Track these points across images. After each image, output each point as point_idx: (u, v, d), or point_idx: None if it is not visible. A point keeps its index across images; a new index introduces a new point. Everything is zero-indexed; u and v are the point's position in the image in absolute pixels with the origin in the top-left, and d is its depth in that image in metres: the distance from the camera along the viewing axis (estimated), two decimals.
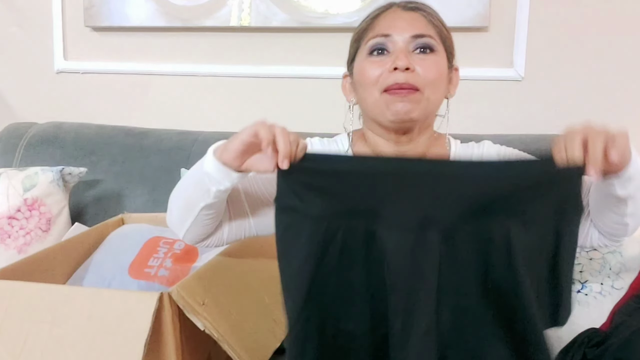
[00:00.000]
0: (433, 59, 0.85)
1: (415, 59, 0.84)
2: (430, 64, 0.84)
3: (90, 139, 1.60)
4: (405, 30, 0.85)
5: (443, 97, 0.90)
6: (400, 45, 0.84)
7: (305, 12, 1.61)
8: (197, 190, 0.79)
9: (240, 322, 0.86)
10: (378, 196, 0.69)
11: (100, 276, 1.07)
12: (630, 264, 1.03)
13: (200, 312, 0.78)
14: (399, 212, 0.69)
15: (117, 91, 1.81)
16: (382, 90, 0.84)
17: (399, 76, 0.82)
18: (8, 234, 1.33)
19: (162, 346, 0.78)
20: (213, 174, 0.76)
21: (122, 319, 0.75)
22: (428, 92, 0.84)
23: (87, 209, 1.53)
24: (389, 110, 0.84)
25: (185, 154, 1.52)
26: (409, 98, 0.83)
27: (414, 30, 0.85)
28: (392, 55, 0.84)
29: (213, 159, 0.77)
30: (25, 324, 0.80)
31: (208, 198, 0.78)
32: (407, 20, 0.86)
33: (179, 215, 0.84)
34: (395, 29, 0.85)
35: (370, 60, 0.86)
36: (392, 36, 0.85)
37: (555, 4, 1.52)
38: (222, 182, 0.76)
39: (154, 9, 1.69)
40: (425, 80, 0.83)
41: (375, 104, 0.86)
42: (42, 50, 1.83)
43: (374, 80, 0.85)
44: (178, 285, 0.78)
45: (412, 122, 0.86)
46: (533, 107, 1.57)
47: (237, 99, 1.73)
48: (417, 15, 0.87)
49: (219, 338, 0.79)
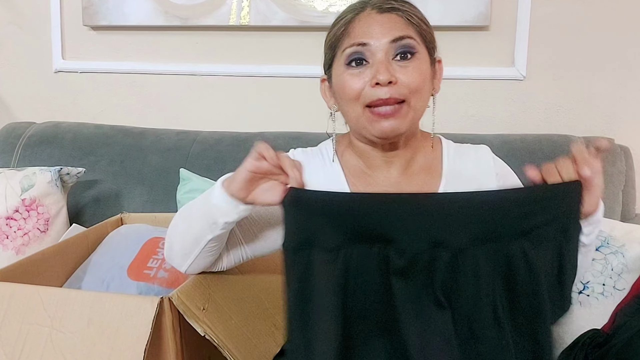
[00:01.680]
0: (415, 65, 0.81)
1: (397, 68, 0.80)
2: (412, 71, 0.80)
3: (88, 139, 1.59)
4: (384, 35, 0.80)
5: (429, 98, 0.87)
6: (380, 57, 0.80)
7: (306, 11, 1.60)
8: (204, 223, 0.79)
9: (240, 327, 0.86)
10: (389, 222, 0.68)
11: (99, 277, 1.06)
12: (632, 264, 1.03)
13: (200, 318, 0.78)
14: (410, 236, 0.67)
15: (115, 91, 1.80)
16: (365, 106, 0.81)
17: (381, 92, 0.79)
18: (6, 235, 1.32)
19: (162, 351, 0.78)
20: (222, 206, 0.76)
21: (122, 324, 0.74)
22: (414, 101, 0.81)
23: (85, 209, 1.53)
24: (373, 128, 0.81)
25: (184, 154, 1.52)
26: (394, 116, 0.80)
27: (392, 33, 0.80)
28: (372, 67, 0.80)
29: (222, 191, 0.76)
30: (24, 327, 0.79)
31: (216, 230, 0.78)
32: (383, 24, 0.81)
33: (183, 248, 0.83)
34: (372, 36, 0.80)
35: (349, 72, 0.82)
36: (369, 45, 0.80)
37: (556, 3, 1.51)
38: (230, 214, 0.76)
39: (153, 8, 1.68)
40: (409, 90, 0.80)
41: (359, 120, 0.83)
42: (40, 50, 1.82)
43: (355, 95, 0.81)
44: (178, 290, 0.78)
45: (399, 136, 0.84)
46: (534, 107, 1.56)
47: (237, 99, 1.72)
48: (393, 17, 0.82)
49: (219, 344, 0.78)
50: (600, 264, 1.05)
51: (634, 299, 1.00)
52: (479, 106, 1.59)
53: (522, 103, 1.57)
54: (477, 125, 1.59)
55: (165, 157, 1.53)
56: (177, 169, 1.46)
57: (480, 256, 0.68)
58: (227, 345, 0.79)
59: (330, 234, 0.68)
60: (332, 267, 0.68)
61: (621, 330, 0.92)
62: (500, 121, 1.58)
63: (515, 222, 0.68)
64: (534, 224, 0.69)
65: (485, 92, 1.58)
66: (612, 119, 1.53)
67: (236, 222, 0.78)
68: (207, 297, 0.82)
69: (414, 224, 0.68)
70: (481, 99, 1.58)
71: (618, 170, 1.35)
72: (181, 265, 0.85)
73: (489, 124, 1.58)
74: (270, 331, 0.93)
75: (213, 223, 0.77)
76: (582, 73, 1.53)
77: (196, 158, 1.51)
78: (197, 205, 0.82)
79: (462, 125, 1.58)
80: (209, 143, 1.54)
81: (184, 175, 1.44)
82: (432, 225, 0.68)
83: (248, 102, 1.72)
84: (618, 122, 1.52)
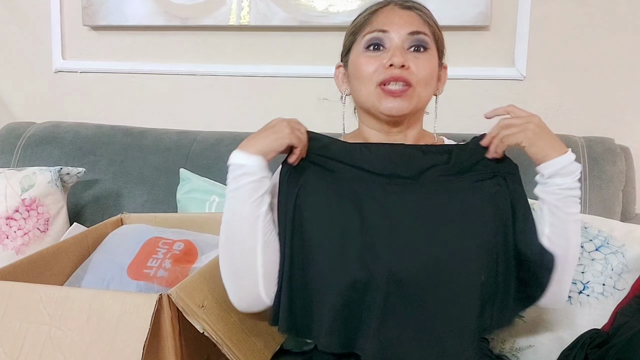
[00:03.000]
0: (426, 58, 0.90)
1: (410, 57, 0.89)
2: (423, 62, 0.89)
3: (88, 139, 1.59)
4: (402, 27, 0.89)
5: (432, 94, 0.95)
6: (397, 43, 0.89)
7: (306, 11, 1.60)
8: (249, 199, 0.82)
9: (239, 324, 0.86)
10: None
11: (99, 277, 1.06)
12: (632, 264, 1.03)
13: (200, 315, 0.78)
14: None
15: (115, 90, 1.80)
16: (377, 84, 0.89)
17: (394, 71, 0.87)
18: (6, 235, 1.32)
19: (161, 348, 0.78)
20: (253, 165, 0.82)
21: (121, 321, 0.74)
22: (420, 88, 0.90)
23: (85, 209, 1.53)
24: (381, 105, 0.90)
25: (184, 154, 1.52)
26: (401, 96, 0.88)
27: (410, 27, 0.89)
28: (388, 52, 0.89)
29: (247, 154, 0.82)
30: (24, 325, 0.79)
31: (261, 189, 0.82)
32: (404, 18, 0.90)
33: (243, 250, 0.83)
34: (393, 26, 0.89)
35: (366, 54, 0.91)
36: (389, 32, 0.89)
37: (556, 3, 1.51)
38: (263, 169, 0.82)
39: (153, 8, 1.69)
40: (418, 78, 0.89)
41: (369, 97, 0.91)
42: (40, 50, 1.82)
43: (369, 75, 0.90)
44: (177, 287, 0.77)
45: (403, 117, 0.92)
46: (535, 107, 1.56)
47: (237, 99, 1.72)
48: (413, 14, 0.91)
49: (217, 341, 0.78)
50: (600, 264, 1.05)
51: (634, 299, 0.99)
52: (478, 106, 1.58)
53: (522, 103, 1.55)
54: (477, 125, 1.58)
55: (165, 157, 1.53)
56: (177, 169, 1.47)
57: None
58: (226, 343, 0.79)
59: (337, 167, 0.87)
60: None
61: (621, 330, 0.92)
62: None
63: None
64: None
65: (486, 92, 1.58)
66: (612, 119, 1.53)
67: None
68: (206, 294, 0.81)
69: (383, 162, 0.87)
70: (481, 99, 1.58)
71: (618, 170, 1.35)
72: (257, 282, 0.83)
73: (489, 124, 1.58)
74: (269, 329, 0.93)
75: (257, 184, 0.82)
76: (582, 73, 1.53)
77: (196, 158, 1.51)
78: (231, 202, 0.84)
79: (462, 125, 1.58)
80: (209, 143, 1.54)
81: (184, 175, 1.44)
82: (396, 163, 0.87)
83: (248, 102, 1.72)
84: (618, 122, 1.52)
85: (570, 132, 1.46)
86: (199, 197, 1.38)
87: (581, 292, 1.05)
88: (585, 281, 1.05)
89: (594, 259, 1.05)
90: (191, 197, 1.39)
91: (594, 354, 0.93)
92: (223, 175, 1.44)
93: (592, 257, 1.06)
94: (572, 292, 1.05)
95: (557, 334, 1.05)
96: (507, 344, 1.10)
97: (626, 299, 1.02)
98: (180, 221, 1.25)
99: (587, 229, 1.08)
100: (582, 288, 1.05)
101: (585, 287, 1.05)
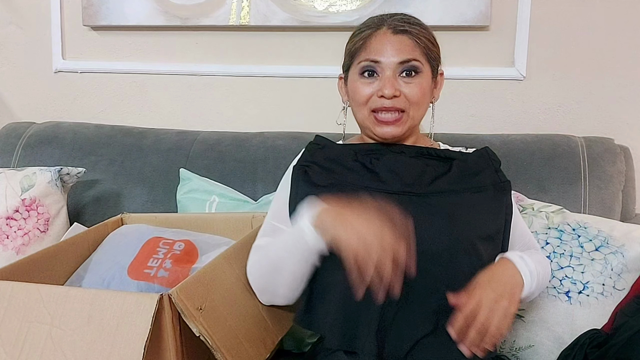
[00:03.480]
0: (417, 82, 0.95)
1: (401, 83, 0.94)
2: (414, 87, 0.95)
3: (88, 139, 1.59)
4: (393, 56, 0.94)
5: (427, 107, 1.00)
6: (388, 74, 0.94)
7: (306, 11, 1.60)
8: (299, 264, 0.88)
9: (234, 329, 0.85)
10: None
11: (99, 277, 1.06)
12: (632, 264, 1.03)
13: (197, 317, 0.77)
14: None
15: (115, 91, 1.80)
16: (371, 111, 0.96)
17: (385, 102, 0.94)
18: (6, 235, 1.32)
19: (162, 348, 0.78)
20: (315, 249, 0.86)
21: (122, 321, 0.74)
22: (412, 111, 0.96)
23: (85, 209, 1.53)
24: (376, 131, 0.97)
25: (184, 154, 1.52)
26: (394, 124, 0.95)
27: (401, 56, 0.94)
28: (381, 80, 0.95)
29: (318, 238, 0.84)
30: (24, 325, 0.79)
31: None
32: (395, 45, 0.94)
33: (286, 282, 0.92)
34: (384, 55, 0.94)
35: (361, 81, 0.97)
36: (380, 62, 0.94)
37: (556, 3, 1.51)
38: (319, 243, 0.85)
39: (153, 8, 1.69)
40: (410, 102, 0.95)
41: (365, 121, 0.99)
42: (40, 50, 1.82)
43: (364, 100, 0.96)
44: (178, 288, 0.77)
45: (398, 139, 0.99)
46: (534, 107, 1.56)
47: (237, 99, 1.72)
48: (404, 39, 0.95)
49: (212, 346, 0.78)
50: (600, 264, 1.05)
51: (634, 299, 1.00)
52: (479, 106, 1.59)
53: (522, 103, 1.57)
54: (477, 125, 1.59)
55: (165, 157, 1.53)
56: (177, 169, 1.47)
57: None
58: (221, 349, 0.79)
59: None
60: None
61: (621, 330, 0.92)
62: (500, 121, 1.58)
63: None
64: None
65: (485, 92, 1.58)
66: (612, 119, 1.53)
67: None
68: (205, 296, 0.81)
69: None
70: (481, 99, 1.58)
71: (618, 170, 1.35)
72: (292, 301, 0.95)
73: (489, 124, 1.59)
74: (261, 336, 0.93)
75: (312, 256, 0.87)
76: (582, 73, 1.53)
77: (196, 158, 1.51)
78: (284, 255, 0.89)
79: (462, 125, 1.59)
80: (209, 143, 1.54)
81: (184, 175, 1.44)
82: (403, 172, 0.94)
83: (248, 102, 1.72)
84: (618, 122, 1.52)
85: (570, 132, 1.46)
86: (199, 197, 1.38)
87: (581, 292, 1.05)
88: (585, 281, 1.05)
89: (594, 259, 1.05)
90: (191, 197, 1.39)
91: (594, 354, 0.93)
92: (223, 176, 1.46)
93: (592, 257, 1.06)
94: (572, 292, 1.05)
95: (557, 334, 1.05)
96: (507, 344, 1.10)
97: (626, 299, 1.02)
98: (180, 221, 1.25)
99: (586, 229, 1.09)
100: (582, 288, 1.05)
101: (585, 287, 1.05)
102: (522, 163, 1.34)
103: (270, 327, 0.97)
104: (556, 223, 1.11)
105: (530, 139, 1.40)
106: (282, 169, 1.43)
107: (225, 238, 1.16)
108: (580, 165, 1.34)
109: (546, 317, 1.06)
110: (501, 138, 1.41)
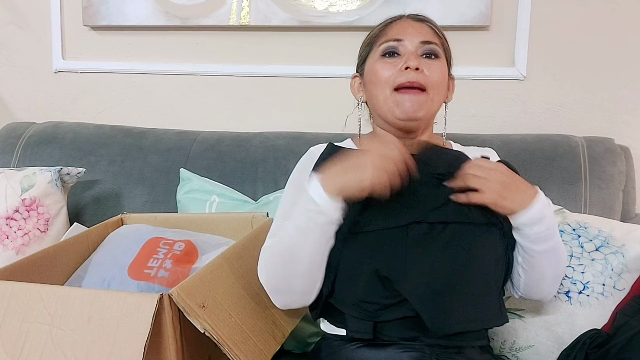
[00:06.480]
0: (438, 64, 0.96)
1: (423, 63, 0.93)
2: (435, 68, 0.95)
3: (88, 139, 1.59)
4: (415, 36, 0.95)
5: (443, 100, 1.00)
6: (411, 49, 0.94)
7: (306, 11, 1.60)
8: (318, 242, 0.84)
9: (240, 324, 0.85)
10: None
11: (100, 277, 1.06)
12: (632, 264, 1.03)
13: (201, 315, 0.77)
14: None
15: (115, 91, 1.80)
16: (393, 89, 0.94)
17: (410, 75, 0.92)
18: (6, 235, 1.32)
19: (162, 348, 0.78)
20: (330, 211, 0.82)
21: (122, 321, 0.74)
22: (433, 93, 0.94)
23: (85, 210, 1.53)
24: (397, 109, 0.94)
25: (185, 154, 1.52)
26: (417, 98, 0.93)
27: (423, 37, 0.95)
28: (403, 57, 0.94)
29: (326, 195, 0.82)
30: (25, 325, 0.79)
31: (333, 235, 0.85)
32: (416, 28, 0.97)
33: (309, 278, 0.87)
34: (407, 35, 0.95)
35: (382, 61, 0.96)
36: (403, 41, 0.95)
37: (556, 3, 1.51)
38: (337, 212, 0.83)
39: (153, 8, 1.69)
40: (431, 82, 0.93)
41: (385, 102, 0.95)
42: (40, 50, 1.82)
43: (385, 79, 0.94)
44: (178, 287, 0.77)
45: (417, 121, 0.96)
46: (534, 107, 1.57)
47: (237, 99, 1.72)
48: (425, 26, 0.98)
49: (218, 341, 0.78)
50: (600, 264, 1.05)
51: (634, 299, 1.00)
52: (479, 106, 1.59)
53: (522, 103, 1.57)
54: (477, 125, 1.59)
55: (165, 157, 1.53)
56: (177, 169, 1.47)
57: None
58: (227, 343, 0.79)
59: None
60: None
61: (621, 330, 0.92)
62: (501, 121, 1.58)
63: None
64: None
65: (485, 92, 1.58)
66: (612, 119, 1.53)
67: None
68: (207, 294, 0.81)
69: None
70: (481, 99, 1.58)
71: (618, 170, 1.35)
72: (309, 300, 0.90)
73: (489, 124, 1.59)
74: (270, 329, 0.93)
75: (329, 226, 0.83)
76: (582, 73, 1.53)
77: (196, 158, 1.51)
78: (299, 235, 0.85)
79: (462, 125, 1.59)
80: (209, 143, 1.54)
81: (184, 175, 1.44)
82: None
83: (248, 102, 1.72)
84: (618, 122, 1.52)
85: (570, 132, 1.46)
86: (199, 197, 1.38)
87: (581, 292, 1.05)
88: (585, 281, 1.05)
89: (594, 259, 1.05)
90: (191, 197, 1.39)
91: (594, 354, 0.93)
92: (223, 176, 1.46)
93: (592, 257, 1.06)
94: (572, 292, 1.05)
95: (557, 334, 1.05)
96: (507, 344, 1.10)
97: (626, 299, 1.02)
98: (180, 221, 1.25)
99: (587, 229, 1.09)
100: (582, 288, 1.05)
101: (585, 287, 1.05)
102: (523, 163, 1.34)
103: (279, 321, 0.97)
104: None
105: (531, 139, 1.40)
106: (282, 169, 1.44)
107: (225, 238, 1.16)
108: (581, 165, 1.34)
109: (546, 317, 1.06)
110: (501, 138, 1.41)
